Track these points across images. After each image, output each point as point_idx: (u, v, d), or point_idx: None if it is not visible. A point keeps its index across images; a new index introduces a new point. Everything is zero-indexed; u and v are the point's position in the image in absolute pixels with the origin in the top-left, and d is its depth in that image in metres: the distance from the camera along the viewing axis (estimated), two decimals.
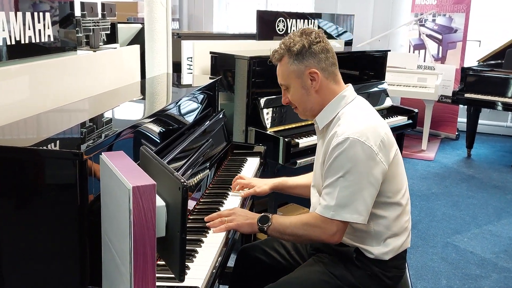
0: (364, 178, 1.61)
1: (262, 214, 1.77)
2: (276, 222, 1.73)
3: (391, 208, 1.72)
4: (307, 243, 1.94)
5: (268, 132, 2.98)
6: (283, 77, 1.78)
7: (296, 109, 1.83)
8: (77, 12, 2.39)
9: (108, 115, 1.87)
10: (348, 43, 4.79)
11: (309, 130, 3.14)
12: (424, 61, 6.35)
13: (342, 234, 1.67)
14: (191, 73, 3.34)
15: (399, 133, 3.98)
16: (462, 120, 6.31)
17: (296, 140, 2.97)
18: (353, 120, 1.67)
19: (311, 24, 4.08)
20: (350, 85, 1.82)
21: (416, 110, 4.06)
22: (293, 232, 1.72)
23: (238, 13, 8.37)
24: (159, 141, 1.94)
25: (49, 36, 2.03)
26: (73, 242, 1.35)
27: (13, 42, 1.82)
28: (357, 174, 1.60)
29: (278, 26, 3.78)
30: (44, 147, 1.36)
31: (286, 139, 2.88)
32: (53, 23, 2.06)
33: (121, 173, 1.15)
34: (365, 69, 3.98)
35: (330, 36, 4.55)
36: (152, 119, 1.88)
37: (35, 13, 1.94)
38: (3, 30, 1.76)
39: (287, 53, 1.73)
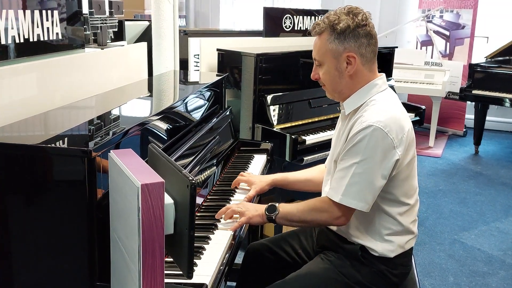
0: (378, 169, 1.60)
1: (269, 204, 1.78)
2: (283, 210, 1.74)
3: (398, 205, 1.72)
4: (316, 227, 1.96)
5: (275, 129, 2.98)
6: (318, 53, 1.71)
7: (324, 87, 1.78)
8: (85, 9, 2.39)
9: (115, 112, 1.88)
10: None
11: (316, 127, 3.14)
12: (432, 57, 6.32)
13: (348, 218, 1.67)
14: (198, 70, 3.34)
15: None
16: (469, 116, 6.28)
17: (303, 137, 2.97)
18: (380, 109, 1.64)
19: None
20: (383, 74, 1.78)
21: (423, 107, 4.04)
22: (300, 218, 1.73)
23: (244, 10, 8.35)
24: (166, 138, 1.95)
25: (57, 33, 2.04)
26: (82, 239, 1.36)
27: (22, 40, 1.83)
28: (372, 164, 1.59)
29: (285, 23, 3.77)
30: (53, 145, 1.37)
31: (293, 136, 2.88)
32: (61, 21, 2.07)
33: (129, 170, 1.16)
34: None
35: None
36: (159, 117, 1.89)
37: (43, 11, 1.94)
38: (12, 28, 1.77)
39: (329, 29, 1.66)
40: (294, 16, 3.85)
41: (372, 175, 1.60)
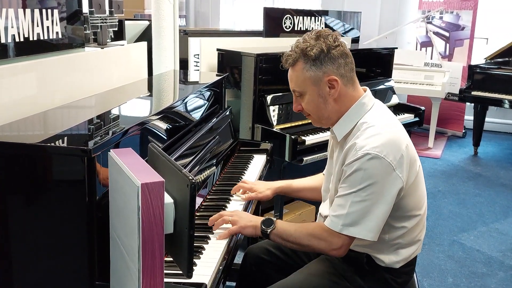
0: (379, 196, 1.54)
1: (267, 217, 1.72)
2: (280, 228, 1.68)
3: (408, 220, 1.68)
4: (310, 252, 1.90)
5: (274, 129, 2.98)
6: (297, 83, 1.65)
7: (310, 116, 1.72)
8: (85, 8, 2.39)
9: (115, 112, 1.88)
10: (355, 40, 4.77)
11: (316, 128, 3.14)
12: (431, 58, 6.32)
13: (347, 248, 1.61)
14: (198, 70, 3.34)
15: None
16: (469, 117, 6.28)
17: (303, 138, 2.97)
18: (373, 133, 1.57)
19: (317, 21, 4.07)
20: (367, 89, 1.72)
21: (423, 108, 4.05)
22: (296, 240, 1.65)
23: (244, 10, 8.35)
24: (166, 138, 1.95)
25: (57, 33, 2.04)
26: (82, 238, 1.36)
27: (22, 39, 1.82)
28: (372, 191, 1.53)
29: (285, 23, 3.78)
30: (53, 144, 1.37)
31: (292, 136, 2.88)
32: (61, 20, 2.06)
33: (129, 170, 1.16)
34: (372, 66, 3.97)
35: None
36: (159, 116, 1.89)
37: (43, 10, 1.94)
38: (12, 27, 1.77)
39: (303, 58, 1.61)
40: (294, 16, 3.85)
41: (372, 202, 1.54)
